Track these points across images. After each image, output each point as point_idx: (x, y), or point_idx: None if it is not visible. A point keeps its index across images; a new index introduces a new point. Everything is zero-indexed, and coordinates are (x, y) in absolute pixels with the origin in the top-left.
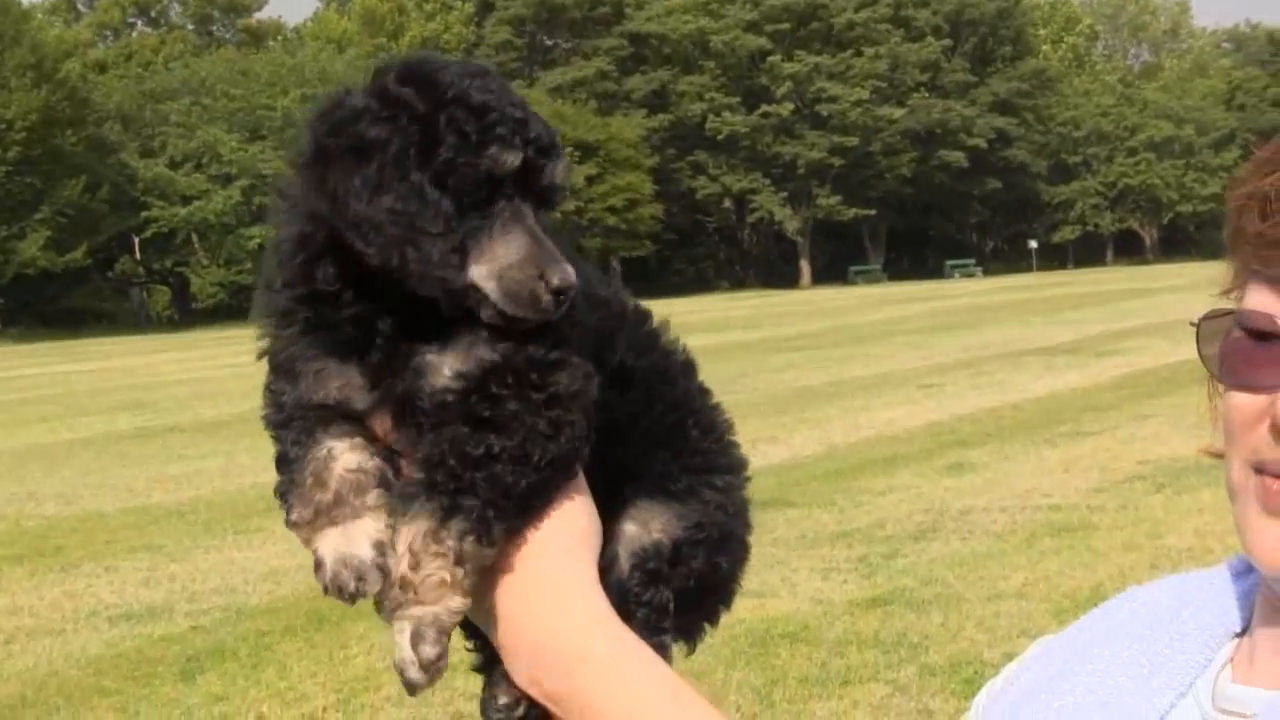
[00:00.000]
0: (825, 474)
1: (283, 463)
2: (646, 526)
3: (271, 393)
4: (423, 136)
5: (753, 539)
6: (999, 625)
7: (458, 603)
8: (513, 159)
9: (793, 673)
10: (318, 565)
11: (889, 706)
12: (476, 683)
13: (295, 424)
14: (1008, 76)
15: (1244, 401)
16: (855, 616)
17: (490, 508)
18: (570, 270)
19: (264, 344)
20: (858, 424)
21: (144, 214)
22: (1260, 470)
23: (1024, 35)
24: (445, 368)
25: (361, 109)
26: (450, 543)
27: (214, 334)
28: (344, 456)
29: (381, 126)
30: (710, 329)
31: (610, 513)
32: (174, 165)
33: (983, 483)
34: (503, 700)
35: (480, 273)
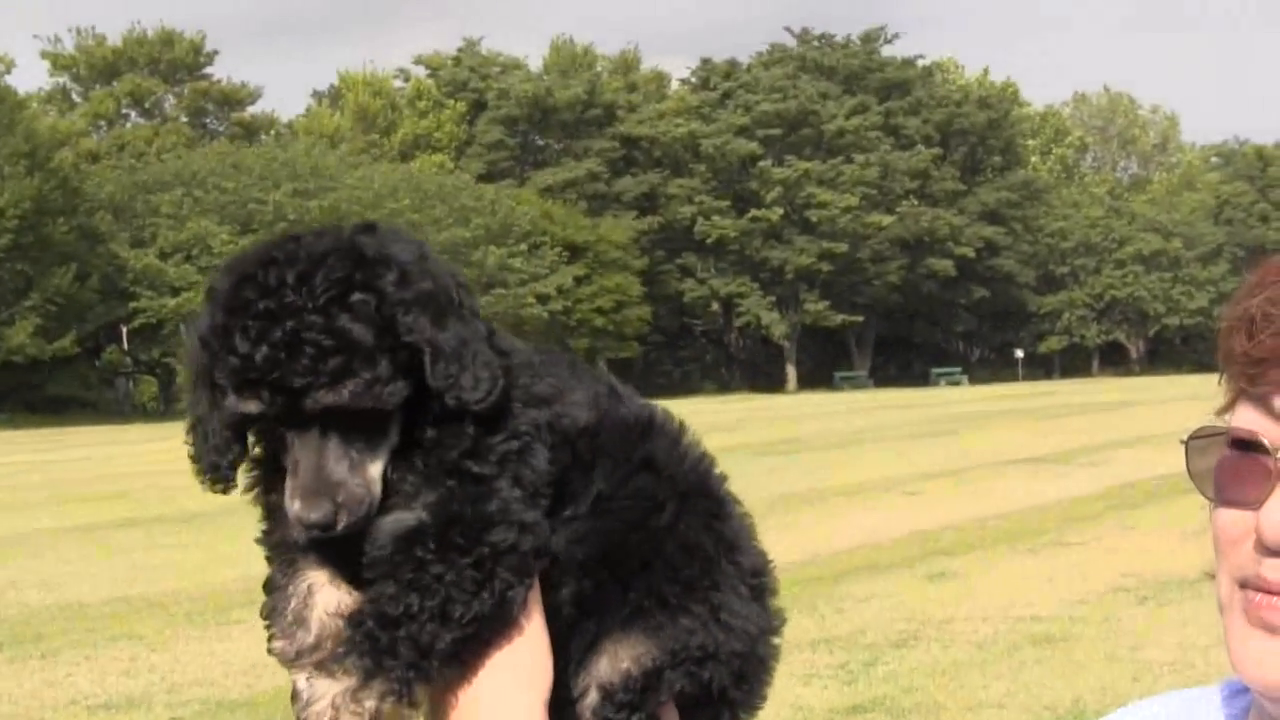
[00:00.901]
0: (807, 579)
1: (269, 587)
2: (615, 657)
3: (267, 520)
4: (206, 369)
5: (773, 642)
6: None
7: None
8: (249, 407)
9: None
10: (295, 696)
11: None
12: None
13: (280, 548)
14: (997, 186)
15: (1231, 518)
16: None
17: (411, 669)
18: (317, 508)
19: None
20: (840, 529)
21: (133, 304)
22: (1244, 585)
23: (1014, 146)
24: (382, 527)
25: (207, 306)
26: (369, 703)
27: None
28: (323, 594)
29: (203, 335)
30: (695, 432)
31: (581, 645)
32: (164, 256)
33: (965, 591)
34: None
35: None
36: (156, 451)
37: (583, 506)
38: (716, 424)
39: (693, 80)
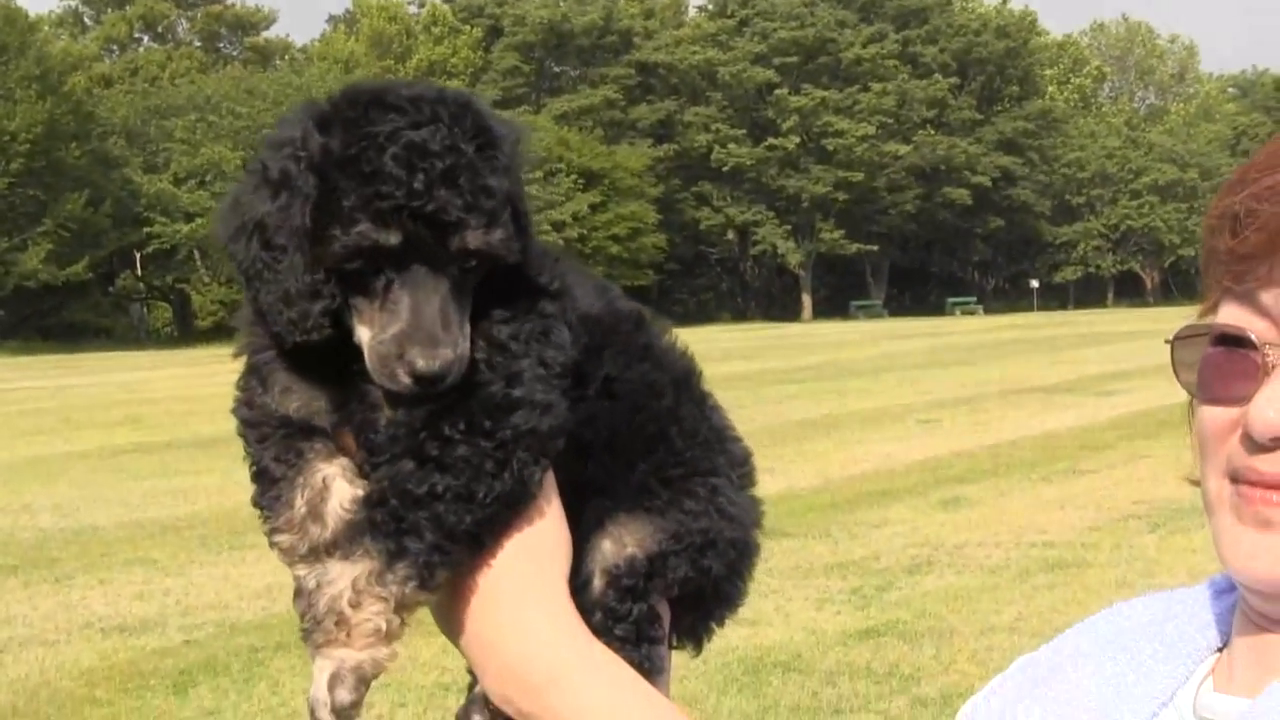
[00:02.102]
0: (821, 506)
1: (265, 477)
2: (620, 541)
3: (244, 389)
4: (311, 201)
5: (758, 534)
6: (991, 659)
7: (384, 654)
8: (388, 237)
9: (785, 701)
10: (298, 593)
11: None
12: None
13: (275, 435)
14: (1014, 116)
15: (1217, 414)
16: (848, 647)
17: (434, 551)
18: (438, 357)
19: (241, 340)
20: (855, 457)
21: (146, 230)
22: (1235, 479)
23: (1031, 75)
24: (400, 404)
25: (280, 144)
26: (394, 587)
27: (213, 351)
28: (338, 488)
29: (270, 177)
30: (711, 360)
31: (587, 529)
32: (177, 182)
33: (978, 518)
34: (476, 719)
35: (362, 337)
36: (170, 377)
37: (591, 389)
38: (732, 352)
39: (710, 7)
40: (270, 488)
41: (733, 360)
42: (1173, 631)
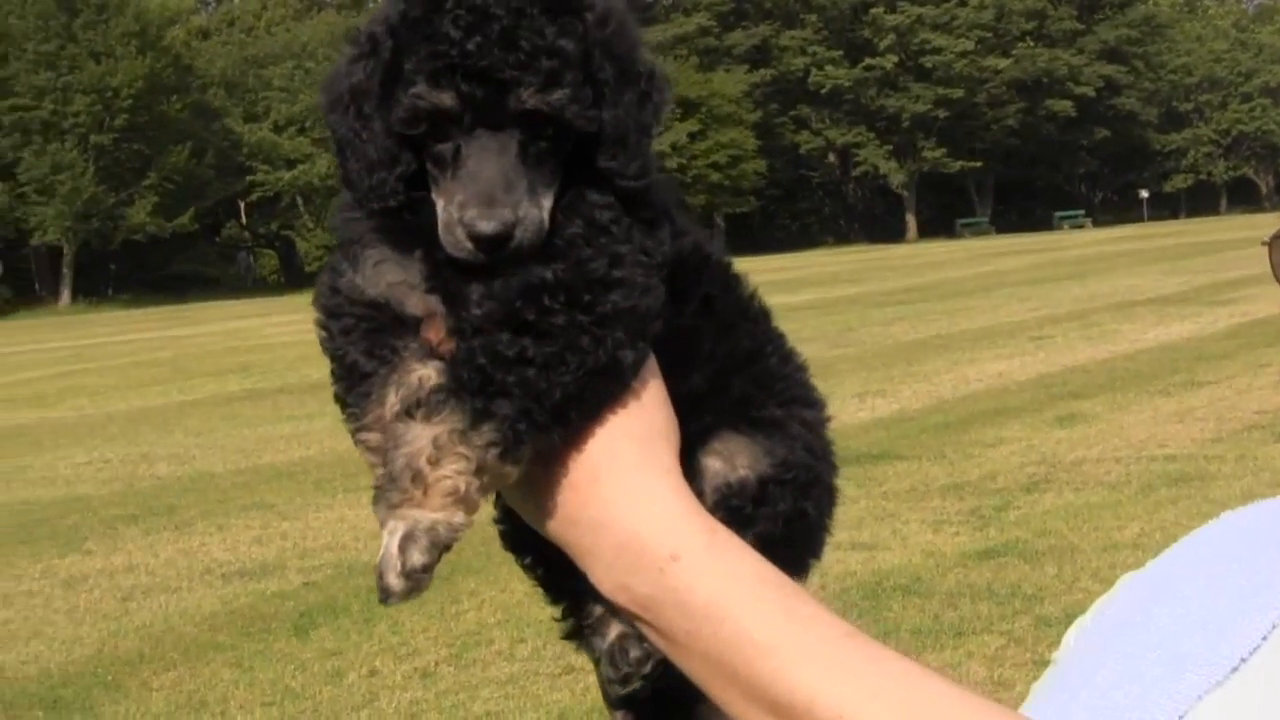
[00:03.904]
0: (935, 427)
1: (354, 372)
2: (731, 462)
3: (329, 275)
4: (384, 65)
5: (840, 484)
6: (1114, 576)
7: (460, 519)
8: (442, 98)
9: (905, 625)
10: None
11: (1004, 658)
12: None
13: (361, 327)
14: (1116, 24)
15: None
16: (968, 569)
17: (522, 418)
18: (495, 217)
19: (337, 227)
20: (967, 377)
21: (249, 179)
22: None
23: None
24: (497, 278)
25: (376, 17)
26: (477, 448)
27: None
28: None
29: (362, 44)
30: (816, 284)
31: (690, 446)
32: (278, 129)
33: (1095, 434)
34: (634, 654)
35: (438, 206)
36: (279, 324)
37: (692, 305)
38: (838, 276)
39: None
40: (360, 383)
41: (839, 284)
42: None
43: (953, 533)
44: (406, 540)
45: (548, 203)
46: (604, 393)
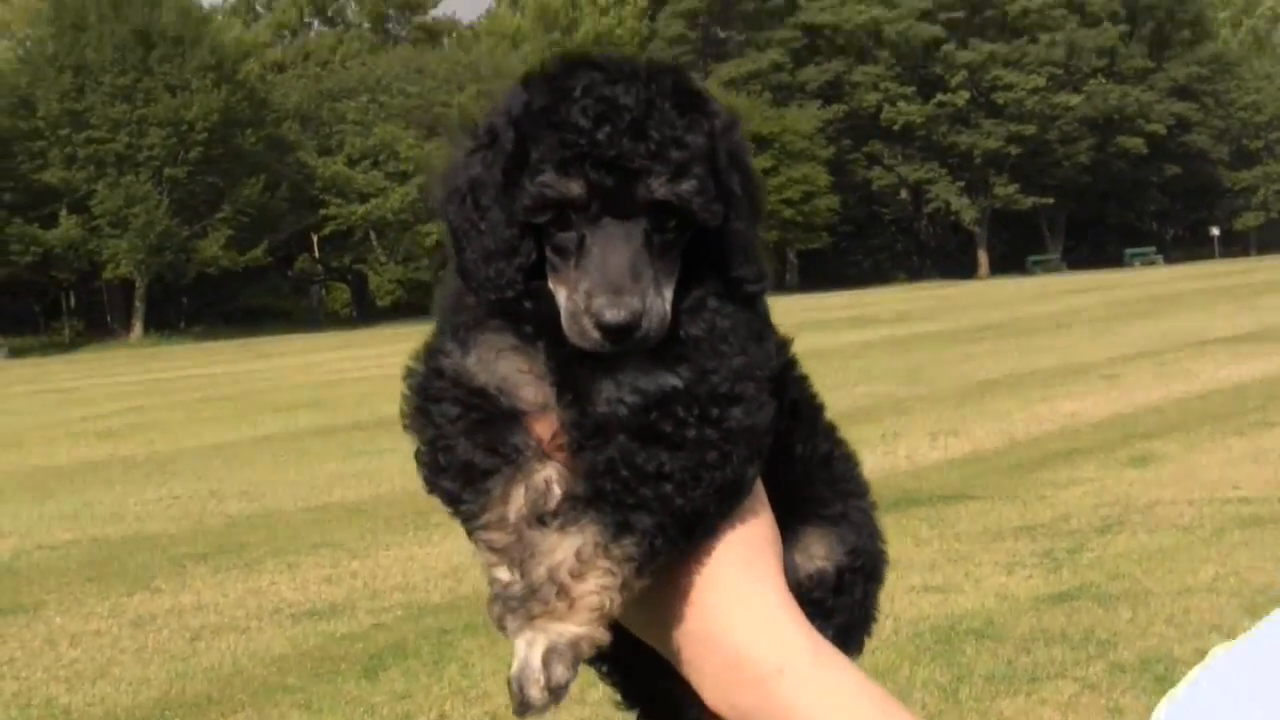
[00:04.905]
0: (1007, 467)
1: (470, 469)
2: (809, 554)
3: (432, 357)
4: (507, 155)
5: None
6: (1189, 621)
7: (601, 634)
8: (570, 187)
9: (979, 670)
10: (498, 584)
11: (1078, 705)
12: None
13: (469, 416)
14: (1186, 61)
15: None
16: (1041, 612)
17: (659, 533)
18: (624, 306)
19: (443, 312)
20: (1039, 416)
21: (322, 212)
22: None
23: (1203, 19)
24: (625, 380)
25: (497, 107)
26: (619, 561)
27: (391, 331)
28: (557, 492)
29: (481, 136)
30: (888, 321)
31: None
32: (351, 163)
33: (1169, 475)
34: None
35: (559, 299)
36: (350, 358)
37: (784, 411)
38: (910, 313)
39: None
40: (478, 479)
41: (911, 321)
42: None
43: (1026, 575)
44: (550, 655)
45: (669, 294)
46: (726, 508)
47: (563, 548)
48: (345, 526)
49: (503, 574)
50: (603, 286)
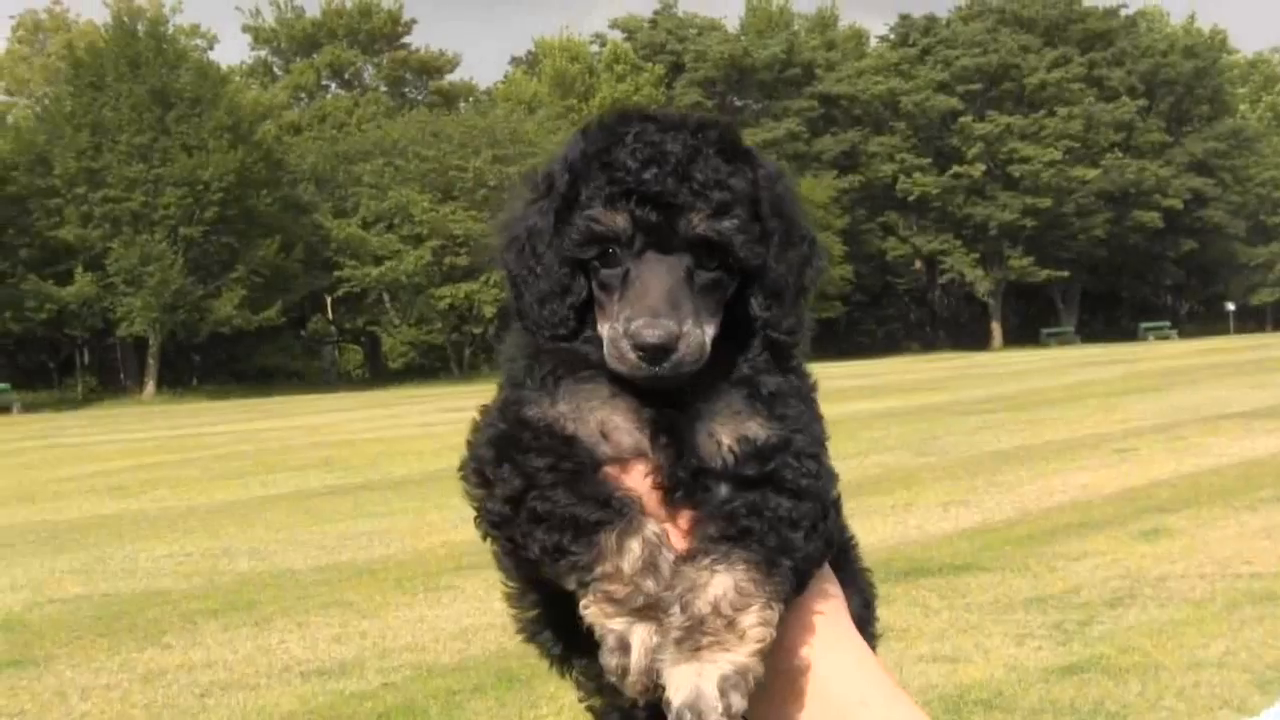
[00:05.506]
0: (1018, 538)
1: (574, 524)
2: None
3: (512, 403)
4: (561, 197)
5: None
6: (1199, 695)
7: (759, 667)
8: (615, 220)
9: None
10: (615, 642)
11: None
12: None
13: (565, 468)
14: (1204, 136)
15: None
16: (1050, 684)
17: (793, 574)
18: (659, 327)
19: (508, 350)
20: (1051, 488)
21: (336, 273)
22: None
23: (1221, 94)
24: (718, 429)
25: (555, 157)
26: (773, 596)
27: (404, 393)
28: (667, 543)
29: (539, 186)
30: (900, 391)
31: None
32: (366, 225)
33: (1180, 549)
34: None
35: (603, 330)
36: (362, 419)
37: None
38: (922, 383)
39: (891, 37)
40: (588, 530)
41: (923, 391)
42: None
43: (1036, 647)
44: (726, 683)
45: (711, 331)
46: (824, 560)
47: (720, 583)
48: (355, 586)
49: (618, 624)
50: (641, 310)
